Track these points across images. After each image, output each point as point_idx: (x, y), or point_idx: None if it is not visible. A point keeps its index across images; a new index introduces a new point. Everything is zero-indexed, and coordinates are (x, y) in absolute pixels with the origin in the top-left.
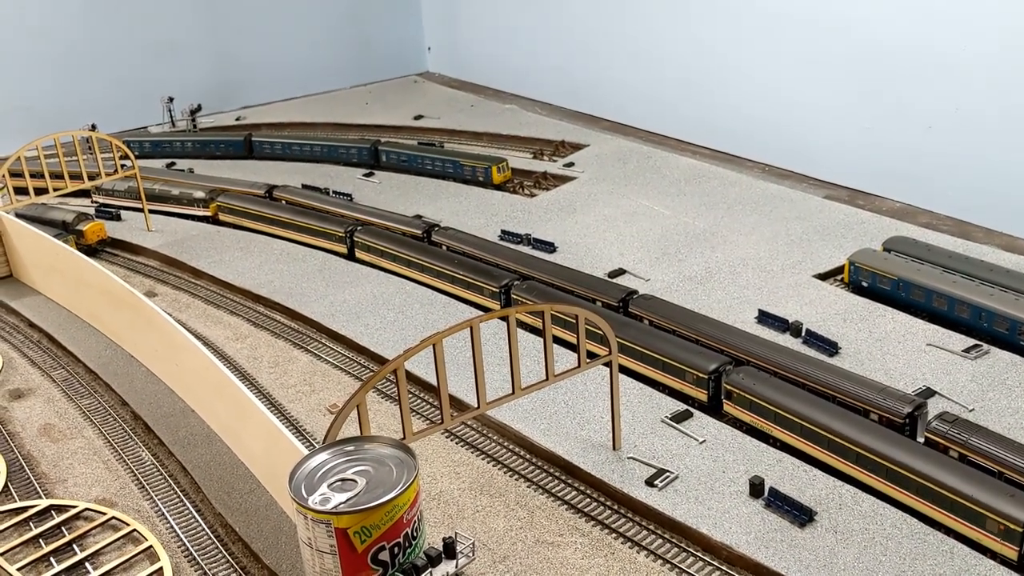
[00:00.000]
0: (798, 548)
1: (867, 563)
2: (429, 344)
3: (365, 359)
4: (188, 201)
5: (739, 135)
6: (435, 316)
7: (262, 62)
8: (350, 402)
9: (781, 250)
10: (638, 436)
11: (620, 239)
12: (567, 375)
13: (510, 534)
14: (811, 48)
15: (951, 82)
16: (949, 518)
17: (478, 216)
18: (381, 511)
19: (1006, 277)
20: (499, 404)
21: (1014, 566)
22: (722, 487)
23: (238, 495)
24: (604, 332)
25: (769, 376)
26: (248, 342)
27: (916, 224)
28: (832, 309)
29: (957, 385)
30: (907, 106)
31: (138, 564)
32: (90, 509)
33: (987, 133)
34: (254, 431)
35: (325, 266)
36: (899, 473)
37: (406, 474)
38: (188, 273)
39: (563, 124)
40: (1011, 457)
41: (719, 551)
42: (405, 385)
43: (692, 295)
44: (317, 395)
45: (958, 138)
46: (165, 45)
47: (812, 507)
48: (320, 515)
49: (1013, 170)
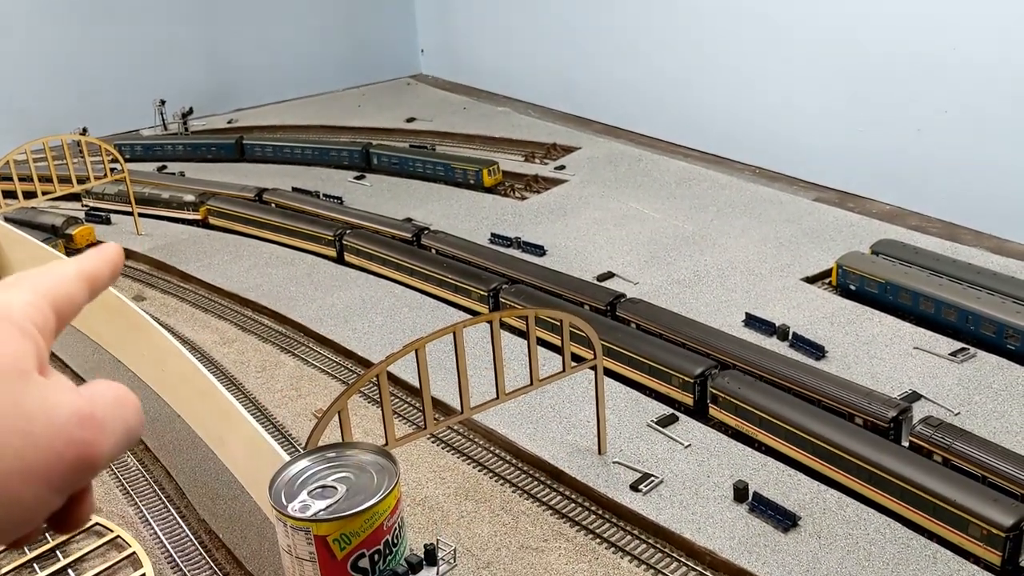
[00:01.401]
0: (781, 553)
1: (850, 568)
2: (412, 349)
3: (353, 363)
4: (178, 205)
5: (730, 138)
6: (423, 320)
7: (254, 64)
8: (331, 408)
9: (770, 253)
10: (624, 440)
11: (610, 242)
12: (552, 379)
13: (494, 539)
14: (802, 51)
15: (941, 85)
16: (932, 523)
17: (468, 219)
18: (360, 518)
19: (994, 280)
20: (484, 409)
21: (997, 571)
22: (706, 492)
23: (222, 501)
24: (589, 336)
25: (755, 380)
26: (235, 346)
27: (906, 227)
28: (819, 312)
29: (943, 389)
30: (897, 109)
31: (121, 570)
32: None
33: (977, 136)
34: (238, 437)
35: (314, 270)
36: (883, 477)
37: (387, 481)
38: (177, 277)
39: (555, 127)
40: (995, 461)
41: (702, 556)
42: (388, 391)
43: (680, 298)
44: (304, 400)
45: (948, 141)
46: (157, 48)
47: (796, 512)
48: (299, 522)
49: (1002, 173)
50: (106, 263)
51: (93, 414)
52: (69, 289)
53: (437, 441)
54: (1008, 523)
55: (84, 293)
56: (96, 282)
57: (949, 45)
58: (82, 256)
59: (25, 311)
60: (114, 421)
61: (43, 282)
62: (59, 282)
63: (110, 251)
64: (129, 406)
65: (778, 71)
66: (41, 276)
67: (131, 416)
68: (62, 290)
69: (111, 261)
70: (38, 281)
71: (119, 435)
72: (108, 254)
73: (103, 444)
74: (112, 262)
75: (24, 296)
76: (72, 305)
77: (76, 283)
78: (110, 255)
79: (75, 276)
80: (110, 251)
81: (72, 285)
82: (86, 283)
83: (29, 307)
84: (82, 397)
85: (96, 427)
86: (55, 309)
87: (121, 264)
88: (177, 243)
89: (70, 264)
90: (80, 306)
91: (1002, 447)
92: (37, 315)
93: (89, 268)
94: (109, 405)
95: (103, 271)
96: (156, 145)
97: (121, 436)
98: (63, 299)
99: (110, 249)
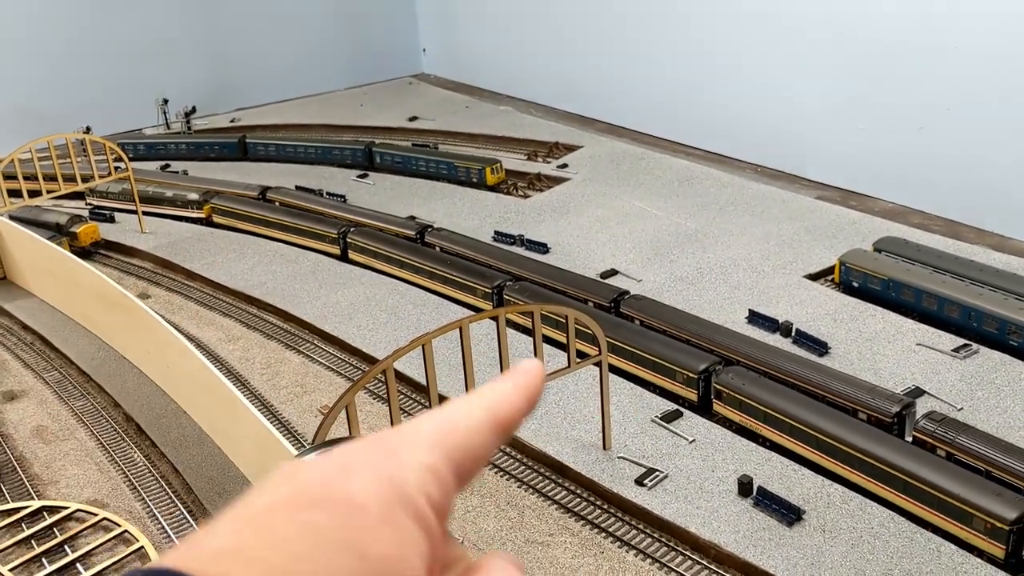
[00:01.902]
0: (786, 547)
1: (854, 562)
2: (418, 345)
3: (357, 360)
4: (182, 203)
5: (732, 136)
6: (428, 317)
7: (257, 64)
8: (339, 404)
9: (772, 250)
10: (628, 436)
11: (613, 240)
12: (557, 375)
13: (500, 534)
14: (804, 50)
15: (943, 82)
16: (936, 516)
17: (472, 217)
18: None
19: (996, 277)
20: None
21: (1001, 564)
22: (711, 486)
23: (229, 496)
24: (594, 332)
25: (758, 376)
26: (240, 343)
27: (908, 224)
28: (822, 309)
29: (946, 384)
30: (899, 107)
31: (129, 565)
32: (82, 510)
33: (979, 133)
34: (245, 433)
35: (318, 267)
36: (887, 472)
37: None
38: (181, 275)
39: (558, 126)
40: (998, 456)
41: (707, 550)
42: (395, 386)
43: (683, 295)
44: (309, 396)
45: (950, 138)
46: (160, 47)
47: (800, 506)
48: None
49: (1004, 170)
50: (525, 400)
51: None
52: (478, 442)
53: None
54: (1012, 516)
55: (495, 443)
56: (509, 426)
57: (951, 44)
58: (496, 389)
59: (425, 485)
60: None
61: (449, 437)
62: (467, 435)
63: (529, 379)
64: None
65: (780, 70)
66: (448, 427)
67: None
68: (470, 444)
69: (530, 395)
70: (444, 434)
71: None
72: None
73: None
74: (531, 395)
75: (427, 459)
76: (478, 462)
77: (486, 434)
78: (530, 387)
79: (488, 423)
80: (529, 379)
81: (482, 437)
82: (498, 429)
83: (430, 477)
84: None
85: None
86: (458, 471)
87: (541, 395)
88: (181, 241)
89: (481, 405)
90: (487, 460)
91: (1005, 442)
92: (437, 490)
93: (505, 411)
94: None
95: (520, 410)
96: (159, 144)
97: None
98: (470, 456)
99: (531, 378)
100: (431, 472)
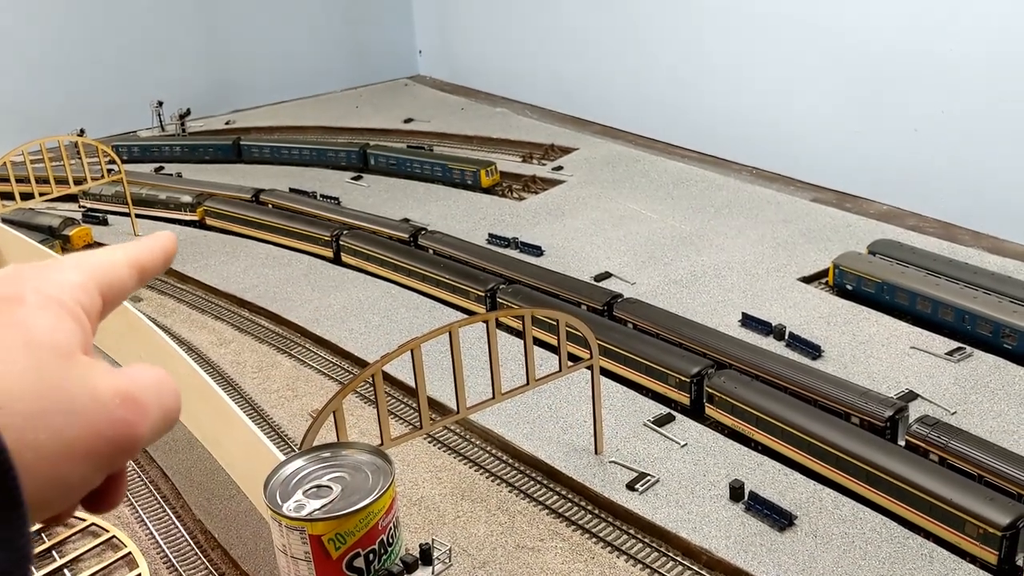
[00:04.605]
0: (777, 552)
1: (846, 567)
2: (407, 349)
3: (349, 364)
4: (175, 205)
5: (727, 139)
6: (420, 320)
7: (252, 66)
8: (326, 408)
9: (767, 253)
10: (620, 440)
11: (607, 243)
12: (548, 379)
13: (491, 539)
14: (800, 52)
15: (937, 85)
16: (929, 522)
17: (466, 220)
18: (356, 518)
19: (990, 280)
20: (479, 409)
21: (993, 570)
22: (703, 491)
23: (218, 501)
24: (585, 336)
25: (751, 380)
26: (232, 347)
27: (903, 227)
28: (816, 312)
29: (940, 388)
30: (894, 109)
31: (117, 571)
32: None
33: (973, 136)
34: (234, 437)
35: (311, 270)
36: (879, 477)
37: (382, 480)
38: (174, 278)
39: (553, 128)
40: (991, 460)
41: (699, 555)
42: (383, 391)
43: (677, 298)
44: (300, 400)
45: (945, 141)
46: (154, 49)
47: (792, 511)
48: (294, 522)
49: (999, 173)
50: (158, 251)
51: (134, 395)
52: (119, 274)
53: (433, 441)
54: (1004, 522)
55: (133, 280)
56: (146, 270)
57: (946, 45)
58: (134, 242)
59: (75, 293)
60: (154, 403)
61: (94, 265)
62: (110, 267)
63: (163, 239)
64: (168, 390)
65: (775, 72)
66: (92, 259)
67: (170, 400)
68: (112, 275)
69: (164, 249)
70: (89, 264)
71: (158, 417)
72: (161, 242)
73: (143, 425)
74: (165, 250)
75: (74, 277)
76: (121, 291)
77: (126, 269)
78: (163, 243)
79: (125, 262)
80: (163, 239)
81: (122, 271)
82: (136, 270)
83: (79, 289)
84: (124, 378)
85: (137, 408)
86: (103, 293)
87: (174, 253)
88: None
89: (121, 250)
90: (128, 292)
91: (999, 446)
92: (86, 298)
93: (140, 255)
94: (149, 388)
95: (155, 259)
96: (153, 146)
97: (160, 419)
98: (112, 284)
99: (164, 237)
100: (80, 287)
